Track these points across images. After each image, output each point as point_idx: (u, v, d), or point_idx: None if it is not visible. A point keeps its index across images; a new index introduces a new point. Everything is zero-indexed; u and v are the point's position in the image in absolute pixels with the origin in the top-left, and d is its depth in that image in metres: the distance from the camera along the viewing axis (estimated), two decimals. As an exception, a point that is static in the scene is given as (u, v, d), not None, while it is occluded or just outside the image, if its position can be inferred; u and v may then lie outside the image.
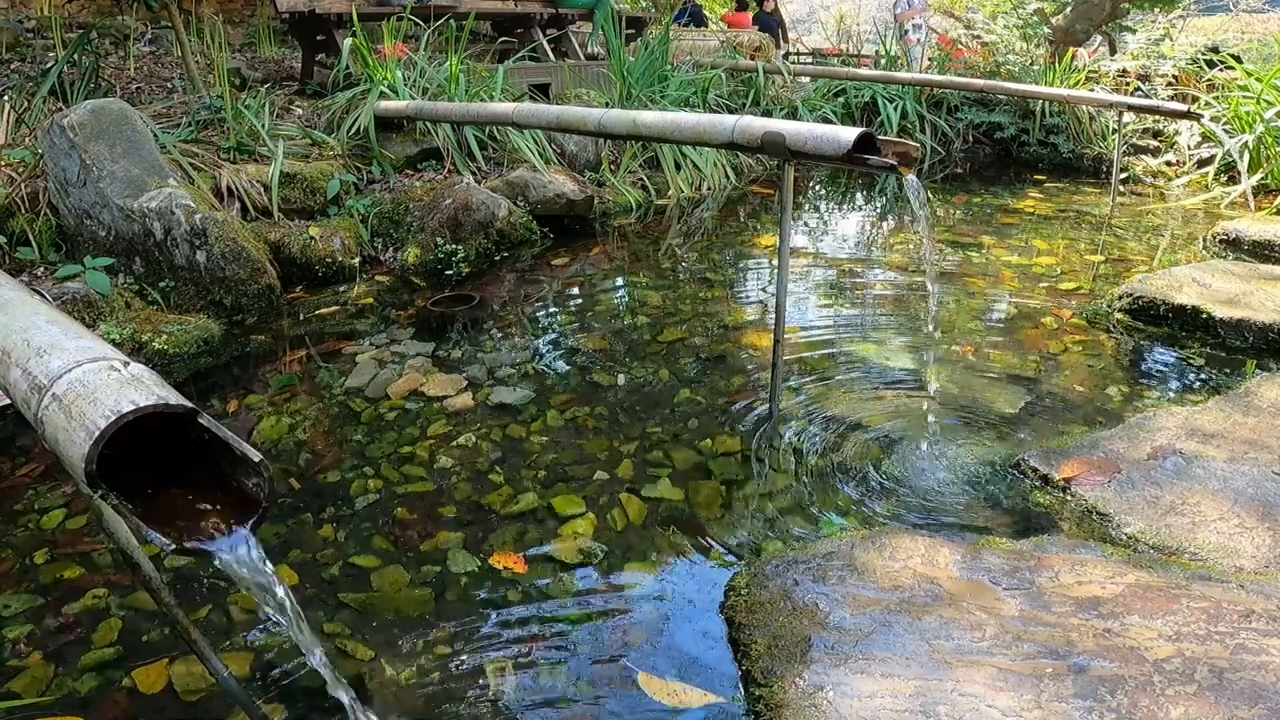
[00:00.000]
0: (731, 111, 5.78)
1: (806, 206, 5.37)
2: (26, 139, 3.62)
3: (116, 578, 1.71)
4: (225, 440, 0.87)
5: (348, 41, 4.57)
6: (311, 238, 3.59)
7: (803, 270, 3.81)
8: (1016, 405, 2.41)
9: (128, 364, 0.88)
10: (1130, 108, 5.21)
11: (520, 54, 5.78)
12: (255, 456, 0.87)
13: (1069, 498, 1.91)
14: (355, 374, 2.67)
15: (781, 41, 10.45)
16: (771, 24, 10.55)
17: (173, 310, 3.07)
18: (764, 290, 3.60)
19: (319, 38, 5.21)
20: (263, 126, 4.06)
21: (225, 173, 3.67)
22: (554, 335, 3.07)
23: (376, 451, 2.21)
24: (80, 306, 2.83)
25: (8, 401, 0.94)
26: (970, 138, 6.95)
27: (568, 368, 2.75)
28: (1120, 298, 3.11)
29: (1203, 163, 5.77)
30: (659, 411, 2.41)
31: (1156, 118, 6.10)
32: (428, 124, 4.48)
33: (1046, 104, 6.52)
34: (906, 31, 7.82)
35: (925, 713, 1.23)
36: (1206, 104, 5.90)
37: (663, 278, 3.75)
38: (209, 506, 0.92)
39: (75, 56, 4.39)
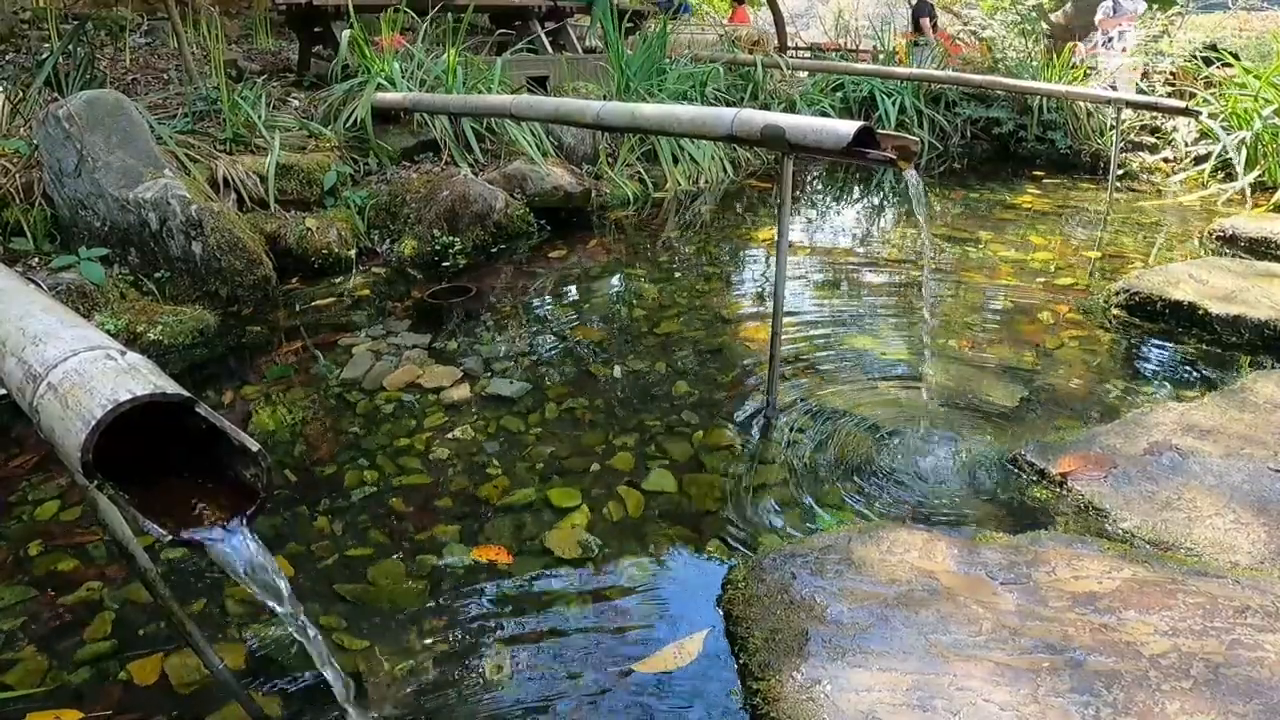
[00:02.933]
0: (729, 105, 5.76)
1: (804, 200, 5.36)
2: (22, 129, 3.60)
3: (111, 570, 1.71)
4: (223, 430, 0.86)
5: (345, 33, 4.55)
6: (308, 229, 3.57)
7: (800, 263, 3.81)
8: (1013, 400, 2.41)
9: (124, 353, 0.88)
10: (1128, 104, 5.20)
11: (518, 47, 5.76)
12: (254, 446, 0.86)
13: (1065, 493, 1.91)
14: (351, 365, 2.66)
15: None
16: (925, 9, 9.70)
17: (168, 301, 3.05)
18: (761, 283, 3.59)
19: (316, 29, 5.19)
20: (259, 118, 4.04)
21: (221, 164, 3.65)
22: (551, 327, 3.06)
23: (372, 443, 2.20)
24: (75, 297, 2.81)
25: (2, 391, 0.93)
26: (968, 133, 6.94)
27: (564, 360, 2.75)
28: (1117, 293, 3.11)
29: (1200, 159, 5.77)
30: (656, 404, 2.41)
31: (1154, 114, 6.10)
32: (425, 116, 4.46)
33: (1044, 100, 6.52)
34: (1111, 39, 7.42)
35: (922, 707, 1.24)
36: (1204, 101, 5.89)
37: (660, 270, 3.74)
38: (206, 498, 0.91)
39: (70, 47, 4.36)
